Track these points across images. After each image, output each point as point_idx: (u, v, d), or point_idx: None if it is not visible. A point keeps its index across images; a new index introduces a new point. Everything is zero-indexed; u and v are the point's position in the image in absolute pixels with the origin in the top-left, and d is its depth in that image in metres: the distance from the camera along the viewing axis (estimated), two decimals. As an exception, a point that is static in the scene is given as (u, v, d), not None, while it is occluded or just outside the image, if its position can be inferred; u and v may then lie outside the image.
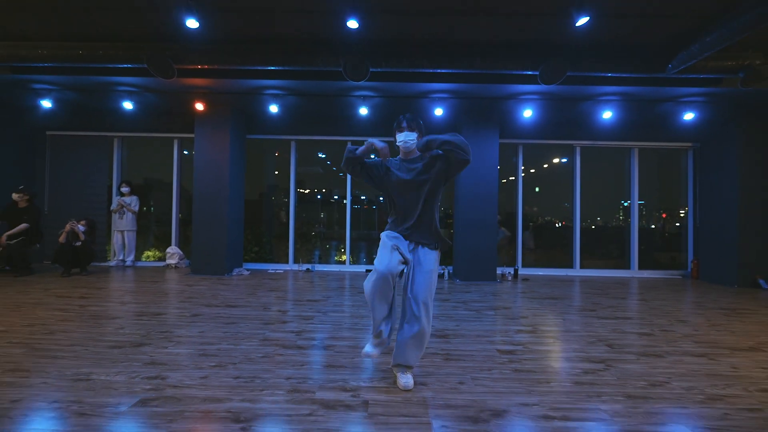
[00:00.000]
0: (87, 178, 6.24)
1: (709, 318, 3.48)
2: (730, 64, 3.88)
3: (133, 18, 3.62)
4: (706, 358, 2.46)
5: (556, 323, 3.24)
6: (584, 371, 2.20)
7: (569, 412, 1.73)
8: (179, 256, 6.08)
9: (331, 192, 7.07)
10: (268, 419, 1.63)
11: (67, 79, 4.59)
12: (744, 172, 5.19)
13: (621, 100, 4.96)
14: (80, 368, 2.12)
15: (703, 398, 1.88)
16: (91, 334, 2.71)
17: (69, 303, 3.61)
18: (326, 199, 7.25)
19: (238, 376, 2.06)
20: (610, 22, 3.49)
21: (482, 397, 1.86)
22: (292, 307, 3.64)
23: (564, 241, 6.58)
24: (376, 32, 3.74)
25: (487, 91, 4.74)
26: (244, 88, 4.72)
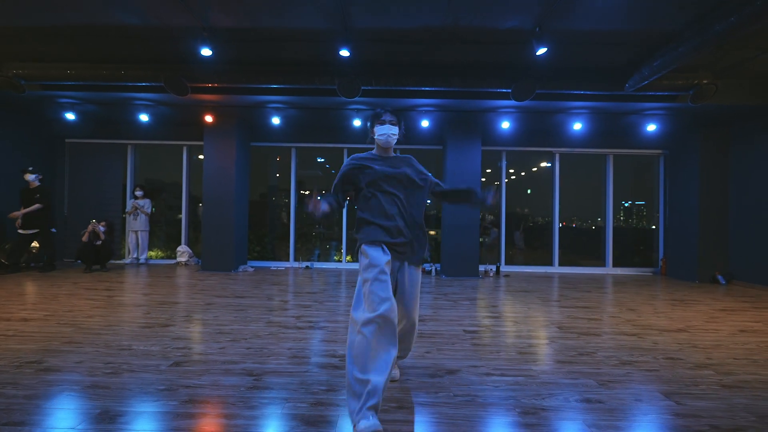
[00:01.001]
0: (103, 183, 6.76)
1: (656, 307, 3.99)
2: (681, 83, 4.39)
3: (153, 45, 4.14)
4: (636, 336, 2.96)
5: (521, 311, 3.74)
6: (530, 345, 2.71)
7: (506, 371, 2.23)
8: (189, 254, 6.60)
9: (329, 194, 7.57)
10: (275, 375, 2.14)
11: (90, 95, 5.10)
12: (704, 178, 5.69)
13: (590, 113, 5.47)
14: (122, 342, 2.63)
15: (617, 363, 2.39)
16: (123, 318, 3.22)
17: (97, 294, 4.12)
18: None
19: (249, 347, 2.57)
20: (568, 48, 4.00)
21: (441, 362, 2.37)
22: (292, 298, 4.15)
23: (563, 242, 7.07)
24: (366, 56, 4.25)
25: (469, 106, 5.25)
26: (249, 102, 5.24)
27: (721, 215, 5.67)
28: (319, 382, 2.05)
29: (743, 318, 3.59)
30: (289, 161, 6.87)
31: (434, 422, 1.66)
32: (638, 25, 3.57)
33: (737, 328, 3.23)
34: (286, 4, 3.33)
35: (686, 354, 2.57)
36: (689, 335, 3.01)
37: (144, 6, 3.41)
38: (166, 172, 7.24)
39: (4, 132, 5.75)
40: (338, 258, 7.02)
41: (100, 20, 3.68)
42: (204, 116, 5.64)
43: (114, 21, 3.68)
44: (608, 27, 3.61)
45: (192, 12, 3.45)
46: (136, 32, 3.89)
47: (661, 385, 2.06)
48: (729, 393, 1.98)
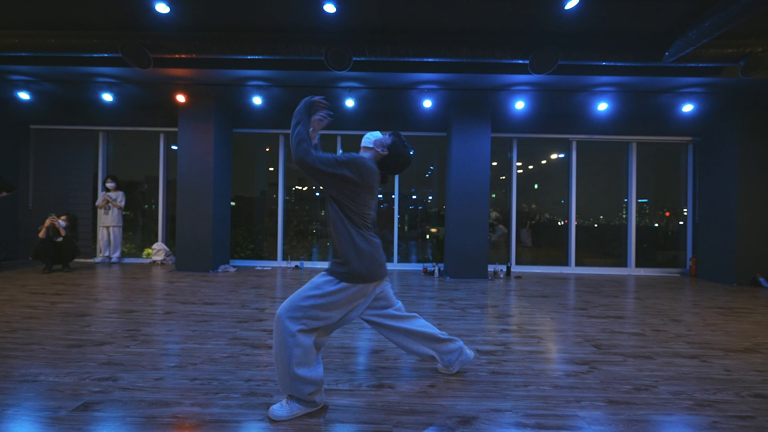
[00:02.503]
0: (72, 173, 6.12)
1: (704, 317, 3.33)
2: (731, 52, 3.71)
3: (106, 5, 3.48)
4: (698, 360, 2.31)
5: (544, 322, 3.10)
6: (566, 374, 2.07)
7: (544, 419, 1.59)
8: (165, 253, 5.96)
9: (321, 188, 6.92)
10: (214, 426, 1.50)
11: (43, 70, 4.46)
12: (744, 167, 5.02)
13: (617, 91, 4.79)
14: (29, 368, 2.00)
15: (691, 404, 1.75)
16: (53, 333, 2.59)
17: (41, 300, 3.49)
18: (324, 197, 7.13)
19: (196, 378, 1.93)
20: (602, 6, 3.32)
21: (452, 402, 1.73)
22: (270, 305, 3.51)
23: (562, 239, 6.42)
24: (357, 20, 3.59)
25: (477, 82, 4.58)
26: (225, 78, 4.58)
27: (763, 209, 5.00)
28: (276, 441, 1.41)
29: (816, 332, 2.94)
30: (277, 151, 6.22)
31: None
32: (691, -28, 2.90)
33: (819, 347, 2.58)
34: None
35: None
36: (764, 357, 2.36)
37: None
38: (141, 162, 6.60)
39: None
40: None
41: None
42: (176, 96, 4.98)
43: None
44: (653, -25, 2.94)
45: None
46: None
47: None
48: None
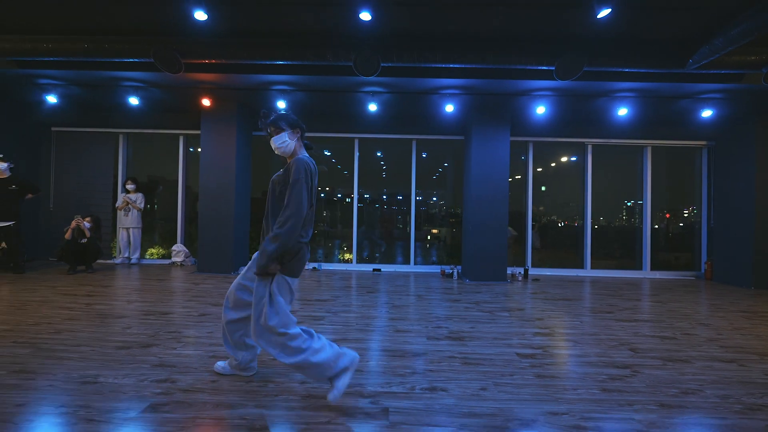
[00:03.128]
0: (92, 175, 6.18)
1: (731, 321, 3.37)
2: (754, 59, 3.76)
3: (139, 10, 3.54)
4: (736, 364, 2.35)
5: (574, 326, 3.14)
6: (610, 377, 2.11)
7: (601, 421, 1.64)
8: (185, 254, 6.02)
9: (334, 190, 6.97)
10: (285, 428, 1.55)
11: (72, 74, 4.52)
12: (761, 172, 5.06)
13: (637, 96, 4.84)
14: (87, 370, 2.05)
15: (741, 408, 1.79)
16: (97, 334, 2.64)
17: (75, 301, 3.54)
18: (329, 198, 7.17)
19: (250, 380, 1.98)
20: (630, 14, 3.38)
21: (507, 404, 1.78)
22: (301, 307, 3.56)
23: (569, 241, 6.47)
24: (388, 25, 3.64)
25: (499, 87, 4.63)
26: (251, 83, 4.64)
27: (780, 214, 5.04)
28: (349, 442, 1.46)
29: None
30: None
31: None
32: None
33: None
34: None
35: (822, 393, 1.97)
36: (800, 362, 2.40)
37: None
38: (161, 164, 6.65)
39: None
40: (341, 257, 6.43)
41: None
42: (201, 99, 5.04)
43: (91, -22, 3.09)
44: (684, -15, 2.99)
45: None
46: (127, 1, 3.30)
47: (833, 451, 1.47)
48: None
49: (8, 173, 4.84)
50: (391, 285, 4.83)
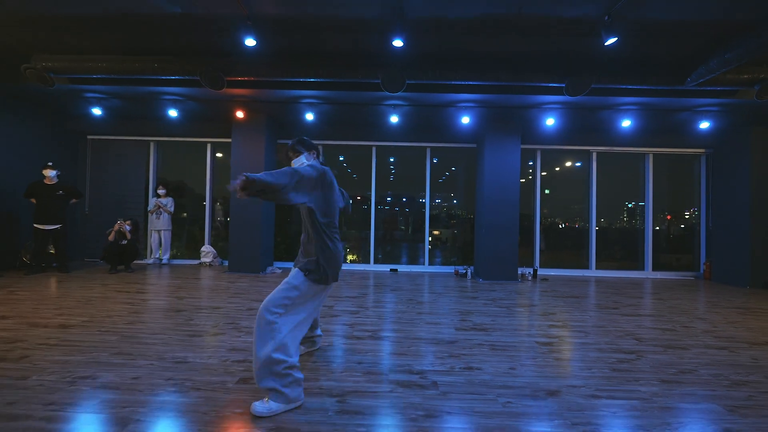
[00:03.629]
0: (125, 180, 6.57)
1: (725, 316, 3.73)
2: (746, 77, 4.12)
3: (190, 36, 3.92)
4: (727, 350, 2.71)
5: (584, 319, 3.50)
6: (618, 360, 2.47)
7: (613, 393, 2.00)
8: (213, 255, 6.39)
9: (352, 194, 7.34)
10: (357, 395, 1.91)
11: (117, 89, 4.90)
12: (756, 178, 5.42)
13: (640, 109, 5.20)
14: (175, 353, 2.41)
15: (729, 383, 2.15)
16: (166, 325, 3.01)
17: (131, 297, 3.91)
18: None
19: (315, 361, 2.34)
20: (634, 39, 3.75)
21: (534, 380, 2.14)
22: (334, 303, 3.92)
23: (572, 243, 6.83)
24: (414, 48, 4.02)
25: (512, 101, 5.00)
26: (283, 97, 5.02)
27: (774, 218, 5.40)
28: (412, 405, 1.82)
29: (826, 329, 3.33)
30: (315, 159, 6.65)
31: (570, 459, 1.43)
32: (715, 14, 3.31)
33: (830, 342, 2.97)
34: (341, -11, 3.11)
35: (798, 372, 2.33)
36: (783, 349, 2.76)
37: (188, -8, 3.20)
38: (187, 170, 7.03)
39: (23, 126, 5.55)
40: (352, 258, 6.80)
41: (140, 8, 3.47)
42: (235, 112, 5.43)
43: (154, 9, 3.47)
44: (682, 16, 3.36)
45: None
46: (175, 21, 3.68)
47: (800, 412, 1.83)
48: None
49: (56, 180, 5.23)
50: (411, 284, 5.19)
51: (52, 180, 5.18)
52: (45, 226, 5.08)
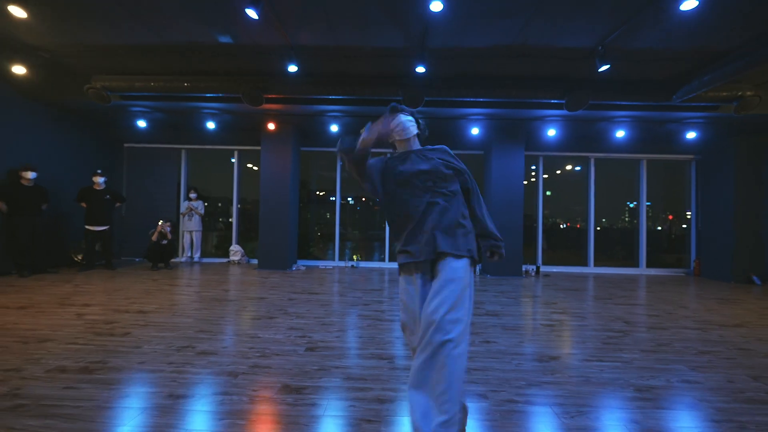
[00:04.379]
0: (158, 185, 7.13)
1: (705, 305, 4.26)
2: (726, 95, 4.65)
3: (235, 60, 4.47)
4: (700, 330, 3.24)
5: (581, 307, 4.04)
6: (608, 337, 3.01)
7: (603, 358, 2.53)
8: (241, 253, 6.94)
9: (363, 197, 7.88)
10: (402, 358, 2.45)
11: (162, 104, 5.46)
12: (739, 182, 5.95)
13: (632, 121, 5.74)
14: (245, 331, 2.96)
15: (696, 352, 2.68)
16: (226, 312, 3.55)
17: (183, 290, 4.46)
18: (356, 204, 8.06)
19: (362, 336, 2.89)
20: (626, 64, 4.28)
21: (540, 349, 2.68)
22: (363, 294, 4.47)
23: (573, 242, 7.36)
24: (434, 71, 4.56)
25: (517, 114, 5.54)
26: (310, 111, 5.56)
27: (755, 218, 5.93)
28: (446, 364, 2.35)
29: (791, 315, 3.86)
30: (335, 165, 7.20)
31: (561, 395, 1.97)
32: (695, 43, 3.85)
33: (790, 324, 3.50)
34: (373, 25, 3.65)
35: (755, 345, 2.86)
36: (749, 330, 3.29)
37: (241, 27, 3.75)
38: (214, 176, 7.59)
39: (70, 137, 6.10)
40: (356, 257, 7.34)
41: (196, 39, 4.02)
42: (266, 124, 5.98)
43: (209, 40, 4.02)
44: (666, 46, 3.90)
45: (286, 33, 3.78)
46: (224, 49, 4.23)
47: (746, 370, 2.36)
48: (807, 377, 2.28)
49: (103, 186, 5.78)
50: (425, 279, 5.73)
51: (100, 186, 5.73)
52: (95, 227, 5.64)
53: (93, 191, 5.70)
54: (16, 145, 5.16)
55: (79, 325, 3.00)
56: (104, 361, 2.29)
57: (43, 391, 1.89)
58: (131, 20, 3.68)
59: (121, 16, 3.60)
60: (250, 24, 3.65)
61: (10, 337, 2.67)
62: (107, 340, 2.67)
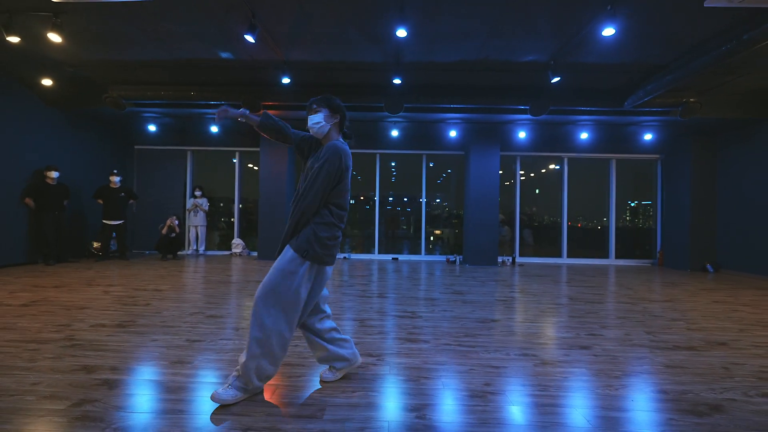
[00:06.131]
0: (166, 184, 7.74)
1: (649, 287, 4.85)
2: (672, 101, 5.23)
3: (235, 73, 5.08)
4: (631, 304, 3.83)
5: (538, 288, 4.63)
6: (548, 307, 3.60)
7: (531, 320, 3.12)
8: (242, 246, 7.55)
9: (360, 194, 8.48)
10: (372, 320, 3.05)
11: (171, 110, 6.07)
12: (695, 178, 6.53)
13: (595, 124, 6.32)
14: (248, 303, 3.56)
15: (614, 318, 3.27)
16: (229, 290, 4.15)
17: (194, 276, 5.07)
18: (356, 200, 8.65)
19: (351, 308, 3.48)
20: (577, 75, 4.87)
21: (484, 315, 3.27)
22: (357, 282, 5.06)
23: (552, 236, 7.93)
24: (411, 82, 5.15)
25: (491, 119, 6.14)
26: (302, 116, 6.15)
27: (710, 212, 6.50)
28: (403, 325, 2.96)
29: (719, 294, 4.44)
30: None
31: (488, 342, 2.56)
32: (633, 58, 4.43)
33: (712, 300, 4.09)
34: (354, 45, 4.25)
35: (667, 313, 3.45)
36: (672, 303, 3.88)
37: (242, 46, 4.35)
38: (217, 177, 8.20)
39: (86, 140, 6.71)
40: (347, 249, 7.94)
41: (202, 56, 4.62)
42: (263, 128, 6.58)
43: (212, 56, 4.63)
44: (608, 60, 4.48)
45: (280, 50, 4.38)
46: (226, 64, 4.84)
47: (645, 328, 2.95)
48: (692, 332, 2.86)
49: (119, 184, 6.40)
50: (410, 269, 6.33)
51: (116, 184, 6.35)
52: (111, 221, 6.25)
53: (110, 189, 6.31)
54: (39, 148, 5.77)
55: (107, 298, 3.61)
56: (133, 320, 2.90)
57: (92, 337, 2.49)
58: (148, 42, 4.28)
59: (141, 39, 4.21)
60: (248, 44, 4.25)
61: (55, 306, 3.28)
62: (132, 308, 3.27)
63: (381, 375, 2.00)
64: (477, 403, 1.70)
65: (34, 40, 4.21)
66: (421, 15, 3.61)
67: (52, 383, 1.81)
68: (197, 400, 1.69)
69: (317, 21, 3.78)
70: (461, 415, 1.59)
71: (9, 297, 3.57)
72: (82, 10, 3.60)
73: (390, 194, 8.21)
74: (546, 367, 2.15)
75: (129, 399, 1.68)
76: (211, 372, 2.00)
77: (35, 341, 2.39)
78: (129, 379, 1.89)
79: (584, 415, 1.62)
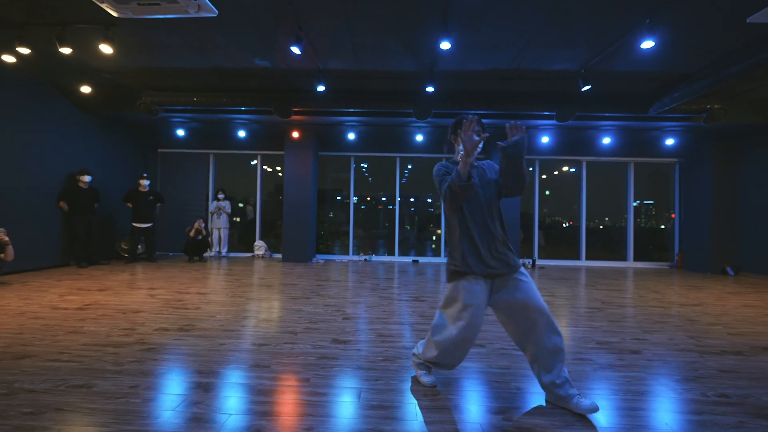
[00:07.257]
0: (189, 187, 7.86)
1: (675, 291, 4.93)
2: (695, 108, 5.32)
3: (269, 80, 5.18)
4: (663, 308, 3.92)
5: (567, 291, 4.72)
6: (585, 311, 3.69)
7: (573, 324, 3.22)
8: (265, 248, 7.66)
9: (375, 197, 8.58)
10: (421, 324, 3.15)
11: (199, 115, 6.17)
12: (716, 183, 6.60)
13: (617, 129, 6.41)
14: (290, 307, 3.66)
15: (652, 322, 3.36)
16: (270, 294, 4.25)
17: (225, 278, 5.18)
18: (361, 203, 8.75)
19: (385, 310, 3.58)
20: (604, 82, 4.96)
21: (528, 319, 3.36)
22: (378, 281, 5.16)
23: (569, 239, 8.03)
24: (441, 88, 5.25)
25: (514, 123, 6.21)
26: (330, 121, 6.27)
27: (730, 215, 6.58)
28: (454, 328, 3.06)
29: (747, 298, 4.53)
30: (349, 168, 7.91)
31: (544, 346, 2.65)
32: (662, 67, 4.52)
33: (741, 304, 4.18)
34: (391, 54, 4.35)
35: (701, 317, 3.54)
36: (703, 307, 3.97)
37: (281, 55, 4.45)
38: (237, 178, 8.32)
39: (112, 144, 6.82)
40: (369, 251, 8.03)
41: (240, 64, 4.73)
42: (291, 132, 6.70)
43: (250, 65, 4.73)
44: (638, 68, 4.57)
45: (317, 59, 4.49)
46: (261, 71, 4.94)
47: (686, 332, 3.04)
48: (733, 337, 2.96)
49: (148, 188, 6.51)
50: (434, 272, 6.43)
51: (145, 188, 6.47)
52: (141, 224, 6.37)
53: (139, 192, 6.43)
54: (72, 153, 5.89)
55: (156, 302, 3.72)
56: (192, 324, 3.01)
57: (161, 341, 2.60)
58: (190, 51, 4.39)
59: (183, 48, 4.31)
60: (289, 53, 4.36)
61: (109, 309, 3.39)
62: (184, 312, 3.38)
63: (455, 379, 2.10)
64: (553, 406, 1.81)
65: (81, 51, 4.31)
66: (462, 27, 3.71)
67: (148, 386, 1.91)
68: (284, 402, 1.80)
69: (359, 32, 3.88)
70: (545, 418, 1.69)
71: (61, 300, 3.68)
72: (131, 22, 3.71)
73: (411, 196, 8.31)
74: (606, 371, 2.24)
75: (227, 401, 1.79)
76: (290, 375, 2.10)
77: (110, 345, 2.50)
78: (219, 382, 1.99)
79: (664, 420, 1.72)
